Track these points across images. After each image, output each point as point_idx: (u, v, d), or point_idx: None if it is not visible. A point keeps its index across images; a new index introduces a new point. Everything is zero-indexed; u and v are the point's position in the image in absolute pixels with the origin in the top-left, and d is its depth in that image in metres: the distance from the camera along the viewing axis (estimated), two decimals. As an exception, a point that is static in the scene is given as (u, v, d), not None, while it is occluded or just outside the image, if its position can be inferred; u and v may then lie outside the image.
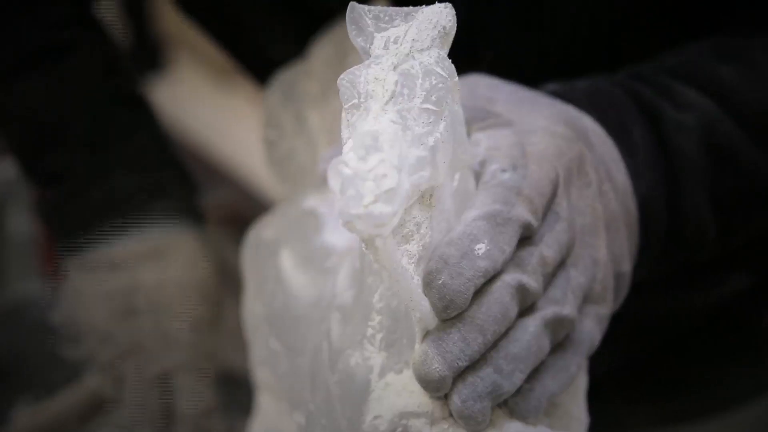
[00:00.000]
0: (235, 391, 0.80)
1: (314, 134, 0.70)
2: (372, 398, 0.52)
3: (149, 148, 0.85)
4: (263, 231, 0.68)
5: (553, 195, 0.53)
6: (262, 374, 0.70)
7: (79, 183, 0.82)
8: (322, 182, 0.57)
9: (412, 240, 0.49)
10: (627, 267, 0.57)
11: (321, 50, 0.71)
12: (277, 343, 0.63)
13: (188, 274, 0.80)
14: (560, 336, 0.53)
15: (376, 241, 0.46)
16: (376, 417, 0.52)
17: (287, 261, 0.64)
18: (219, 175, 1.80)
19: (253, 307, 0.68)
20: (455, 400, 0.50)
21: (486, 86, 0.59)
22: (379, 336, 0.53)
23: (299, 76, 0.72)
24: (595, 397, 0.58)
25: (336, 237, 0.64)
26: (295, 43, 0.73)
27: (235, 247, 1.50)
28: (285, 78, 0.73)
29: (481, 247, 0.50)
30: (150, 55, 1.88)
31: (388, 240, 0.46)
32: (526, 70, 0.62)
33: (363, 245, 0.48)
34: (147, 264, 0.81)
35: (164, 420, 0.78)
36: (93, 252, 0.82)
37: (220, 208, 1.67)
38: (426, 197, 0.49)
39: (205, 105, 1.88)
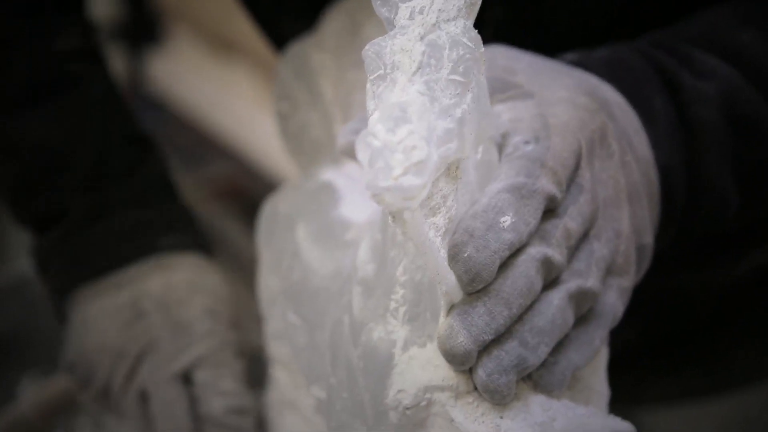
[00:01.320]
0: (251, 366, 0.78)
1: (328, 107, 0.70)
2: (395, 372, 0.52)
3: (153, 184, 0.80)
4: (279, 204, 0.67)
5: (576, 167, 0.53)
6: (277, 348, 0.70)
7: (79, 222, 0.77)
8: (343, 154, 0.56)
9: (439, 213, 0.49)
10: (649, 239, 0.56)
11: (333, 22, 0.71)
12: (294, 317, 0.62)
13: (197, 278, 0.77)
14: (584, 309, 0.53)
15: (405, 214, 0.45)
16: (399, 391, 0.52)
17: (304, 234, 0.63)
18: (217, 149, 1.79)
19: (268, 280, 0.68)
20: (480, 373, 0.50)
21: (504, 56, 0.58)
22: (402, 309, 0.52)
23: (312, 49, 0.71)
24: (613, 371, 0.58)
25: (353, 210, 0.63)
26: (307, 16, 0.72)
27: (233, 220, 1.50)
28: (297, 50, 0.72)
29: (506, 220, 0.50)
30: (147, 28, 1.86)
31: (416, 213, 0.46)
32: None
33: (390, 218, 0.47)
34: (152, 276, 0.77)
35: (192, 423, 0.73)
36: (94, 283, 0.78)
37: (218, 181, 1.66)
38: (452, 169, 0.49)
39: (203, 78, 1.86)
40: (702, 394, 0.83)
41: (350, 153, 0.57)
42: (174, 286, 0.76)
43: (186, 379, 0.74)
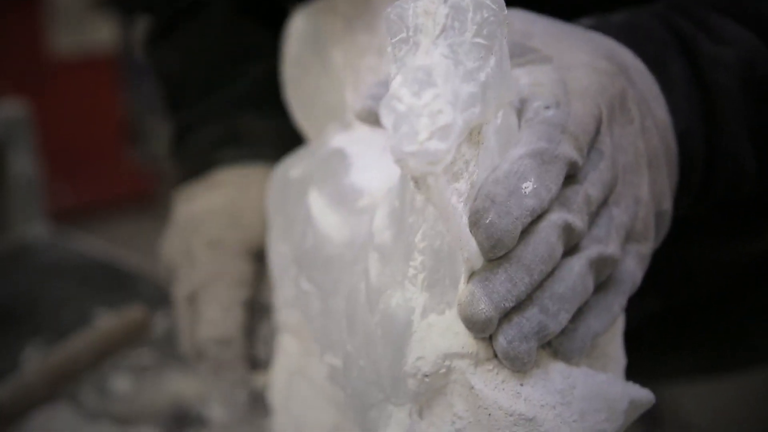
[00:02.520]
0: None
1: (338, 72, 0.69)
2: (414, 339, 0.52)
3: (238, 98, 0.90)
4: (290, 170, 0.66)
5: (597, 132, 0.52)
6: (287, 316, 0.69)
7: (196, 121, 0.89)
8: (359, 120, 0.55)
9: (462, 178, 0.48)
10: (668, 205, 0.56)
11: (344, -15, 0.70)
12: (308, 284, 0.62)
13: (224, 200, 0.82)
14: (603, 275, 0.52)
15: (428, 179, 0.45)
16: (419, 358, 0.51)
17: (317, 201, 0.63)
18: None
19: (279, 247, 0.67)
20: (501, 341, 0.49)
21: (522, 20, 0.58)
22: (421, 276, 0.52)
23: (322, 12, 0.70)
24: (634, 344, 0.58)
25: (366, 176, 0.62)
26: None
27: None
28: (307, 13, 0.71)
29: (528, 186, 0.49)
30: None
31: (440, 178, 0.45)
32: None
33: (413, 183, 0.47)
34: (197, 196, 0.84)
35: (189, 346, 0.79)
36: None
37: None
38: (474, 134, 0.48)
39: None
40: (721, 369, 0.82)
41: (367, 118, 0.56)
42: (196, 211, 0.83)
43: (191, 302, 0.80)
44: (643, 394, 0.53)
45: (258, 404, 0.88)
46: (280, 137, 0.87)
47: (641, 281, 0.55)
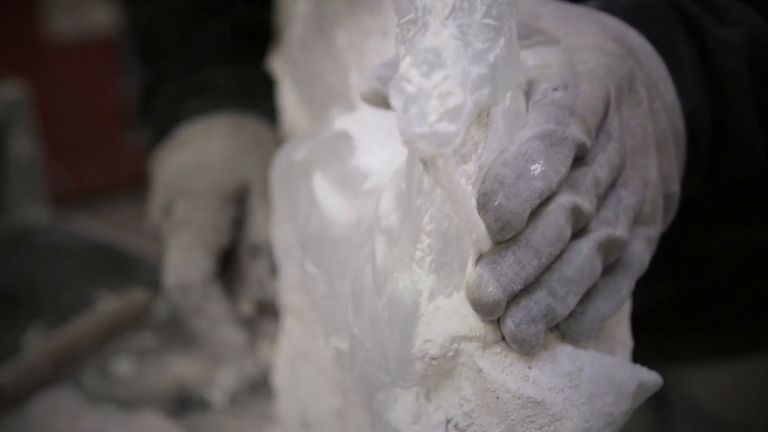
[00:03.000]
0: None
1: (341, 54, 0.69)
2: (422, 322, 0.51)
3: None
4: (294, 152, 0.66)
5: (605, 114, 0.52)
6: (292, 298, 0.69)
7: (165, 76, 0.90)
8: (365, 101, 0.55)
9: (470, 160, 0.48)
10: (676, 187, 0.56)
11: (347, -34, 0.69)
12: (313, 267, 0.61)
13: (194, 154, 0.85)
14: (612, 258, 0.52)
15: (438, 161, 0.45)
16: (426, 341, 0.51)
17: (321, 183, 0.62)
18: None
19: (283, 229, 0.67)
20: (509, 323, 0.49)
21: (529, 1, 0.57)
22: (428, 259, 0.52)
23: (326, -6, 0.69)
24: (642, 328, 0.57)
25: (371, 159, 0.62)
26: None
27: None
28: (311, -5, 0.70)
29: (536, 168, 0.49)
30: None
31: (449, 160, 0.45)
32: None
33: (421, 165, 0.47)
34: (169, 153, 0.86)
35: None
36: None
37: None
38: (483, 116, 0.48)
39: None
40: (729, 354, 0.82)
41: (372, 99, 0.56)
42: (170, 170, 0.85)
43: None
44: (651, 377, 0.53)
45: (260, 387, 0.88)
46: (244, 85, 0.89)
47: (649, 264, 0.54)
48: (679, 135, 0.56)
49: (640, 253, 0.54)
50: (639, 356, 0.55)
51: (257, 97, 0.90)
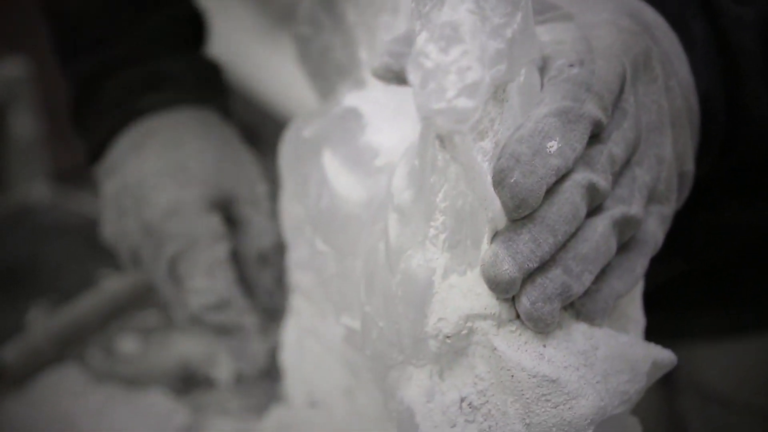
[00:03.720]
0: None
1: (351, 30, 0.68)
2: (436, 300, 0.51)
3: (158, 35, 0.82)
4: (303, 130, 0.65)
5: (621, 91, 0.52)
6: (300, 277, 0.69)
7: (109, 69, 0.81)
8: (377, 77, 0.55)
9: (487, 137, 0.47)
10: (690, 165, 0.55)
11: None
12: (323, 245, 0.61)
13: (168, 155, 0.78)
14: (626, 236, 0.52)
15: (455, 138, 0.44)
16: (440, 319, 0.51)
17: (331, 161, 0.62)
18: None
19: (292, 207, 0.66)
20: (524, 301, 0.49)
21: None
22: (442, 237, 0.51)
23: (334, -31, 0.69)
24: (655, 306, 0.57)
25: (382, 136, 0.62)
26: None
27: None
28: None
29: (552, 145, 0.48)
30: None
31: (467, 136, 0.45)
32: None
33: (438, 142, 0.46)
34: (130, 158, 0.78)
35: (184, 319, 0.77)
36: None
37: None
38: (499, 92, 0.48)
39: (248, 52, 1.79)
40: (741, 332, 0.82)
41: (384, 75, 0.55)
42: (132, 180, 0.77)
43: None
44: (665, 355, 0.53)
45: (267, 366, 0.88)
46: (201, 76, 0.81)
47: (663, 242, 0.54)
48: (693, 113, 0.56)
49: (654, 231, 0.53)
50: (646, 334, 0.55)
51: (215, 89, 0.82)
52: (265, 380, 0.85)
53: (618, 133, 0.51)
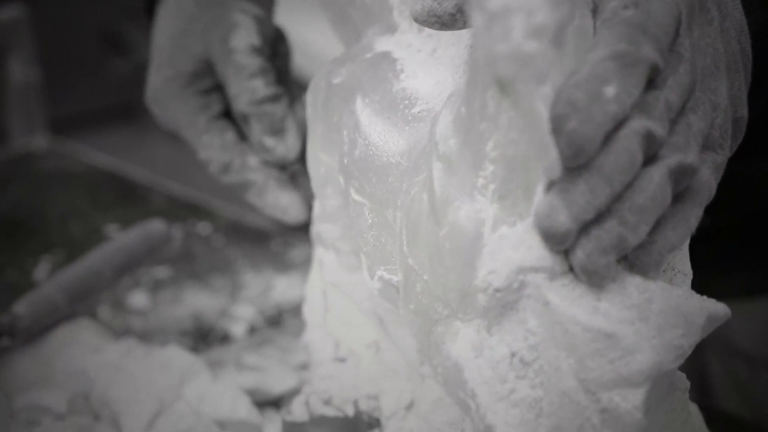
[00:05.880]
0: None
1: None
2: (485, 252, 0.49)
3: None
4: (332, 76, 0.63)
5: (676, 34, 0.50)
6: (326, 228, 0.67)
7: None
8: (419, 21, 0.52)
9: (545, 82, 0.45)
10: (744, 111, 0.53)
11: None
12: (358, 196, 0.59)
13: None
14: (681, 186, 0.50)
15: (518, 83, 0.42)
16: (490, 272, 0.49)
17: (365, 108, 0.59)
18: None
19: (321, 156, 0.64)
20: (579, 254, 0.47)
21: None
22: (491, 186, 0.49)
23: None
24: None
25: (417, 82, 0.59)
26: None
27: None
28: None
29: (610, 90, 0.46)
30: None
31: (530, 81, 0.43)
32: None
33: (498, 87, 0.44)
34: None
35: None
36: None
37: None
38: (559, 35, 0.45)
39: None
40: (767, 290, 0.80)
41: (427, 19, 0.53)
42: None
43: None
44: (719, 308, 0.51)
45: (280, 320, 0.86)
46: None
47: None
48: (746, 56, 0.54)
49: (708, 180, 0.51)
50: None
51: None
52: (281, 335, 0.84)
53: (674, 79, 0.49)
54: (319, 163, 0.64)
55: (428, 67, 0.60)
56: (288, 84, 0.79)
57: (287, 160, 0.75)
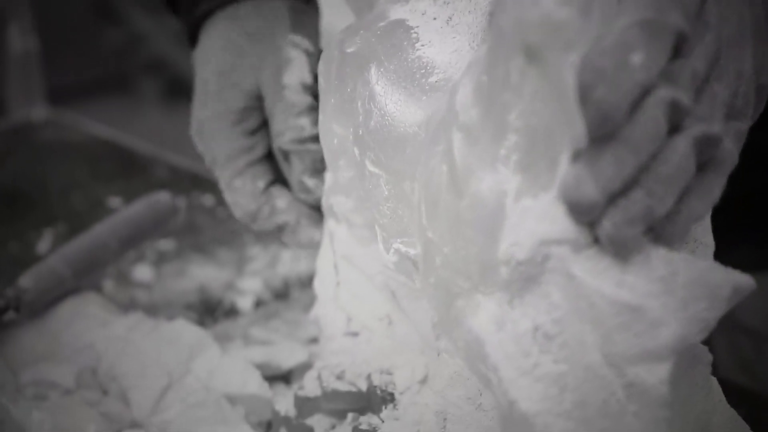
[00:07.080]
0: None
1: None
2: (508, 224, 0.48)
3: None
4: (345, 45, 0.62)
5: (703, 1, 0.49)
6: (339, 201, 0.66)
7: None
8: None
9: (573, 50, 0.44)
10: (767, 79, 0.52)
11: None
12: (374, 167, 0.58)
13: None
14: (705, 156, 0.49)
15: (546, 51, 0.41)
16: (513, 244, 0.48)
17: (380, 78, 0.58)
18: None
19: (333, 127, 0.63)
20: (606, 225, 0.46)
21: None
22: (514, 157, 0.48)
23: None
24: None
25: (433, 50, 0.58)
26: None
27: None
28: None
29: (637, 58, 0.45)
30: None
31: (559, 49, 0.42)
32: None
33: (525, 55, 0.43)
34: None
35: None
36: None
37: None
38: (586, 2, 0.44)
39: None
40: None
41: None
42: None
43: None
44: (744, 280, 0.50)
45: (286, 294, 0.85)
46: None
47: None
48: None
49: (731, 149, 0.50)
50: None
51: None
52: (288, 308, 0.83)
53: (700, 47, 0.48)
54: (332, 135, 0.63)
55: (444, 36, 0.58)
56: None
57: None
